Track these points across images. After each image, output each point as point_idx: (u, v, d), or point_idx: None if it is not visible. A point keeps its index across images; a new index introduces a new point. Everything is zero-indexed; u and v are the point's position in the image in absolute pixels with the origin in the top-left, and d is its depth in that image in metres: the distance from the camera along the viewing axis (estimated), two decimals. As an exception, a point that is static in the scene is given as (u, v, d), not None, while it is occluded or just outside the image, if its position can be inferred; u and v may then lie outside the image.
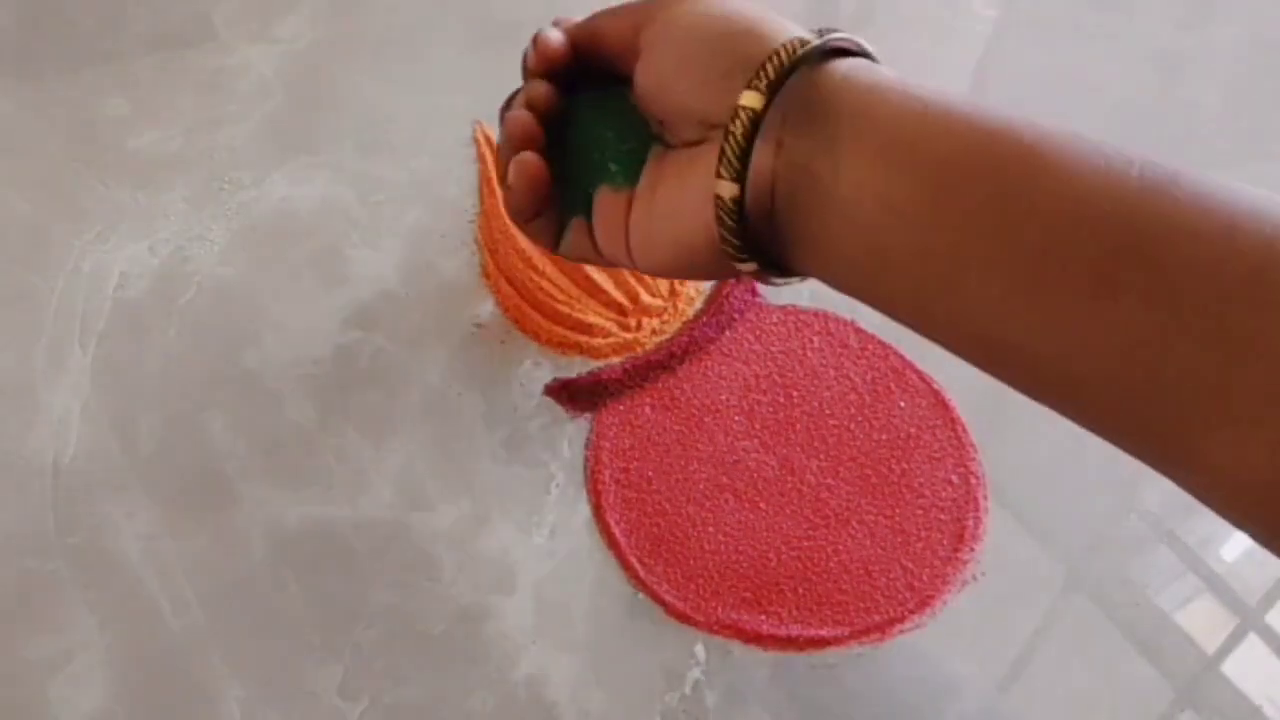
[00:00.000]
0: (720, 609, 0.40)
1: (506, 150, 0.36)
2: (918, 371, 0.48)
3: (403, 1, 0.63)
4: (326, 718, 0.37)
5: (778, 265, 0.33)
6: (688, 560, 0.42)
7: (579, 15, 0.63)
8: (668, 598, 0.41)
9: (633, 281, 0.48)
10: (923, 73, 0.58)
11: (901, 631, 0.41)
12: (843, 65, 0.31)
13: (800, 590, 0.41)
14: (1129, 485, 0.47)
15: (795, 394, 0.47)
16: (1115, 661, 0.40)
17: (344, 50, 0.60)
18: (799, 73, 0.30)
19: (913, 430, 0.46)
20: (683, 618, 0.40)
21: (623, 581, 0.41)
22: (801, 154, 0.31)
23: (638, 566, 0.41)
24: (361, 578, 0.40)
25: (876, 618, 0.41)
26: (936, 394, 0.47)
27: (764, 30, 0.32)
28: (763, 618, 0.40)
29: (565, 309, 0.47)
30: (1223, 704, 0.40)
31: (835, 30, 0.31)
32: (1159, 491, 0.46)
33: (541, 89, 0.36)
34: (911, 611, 0.41)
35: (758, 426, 0.46)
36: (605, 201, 0.36)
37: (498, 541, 0.42)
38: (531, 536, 0.42)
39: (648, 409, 0.46)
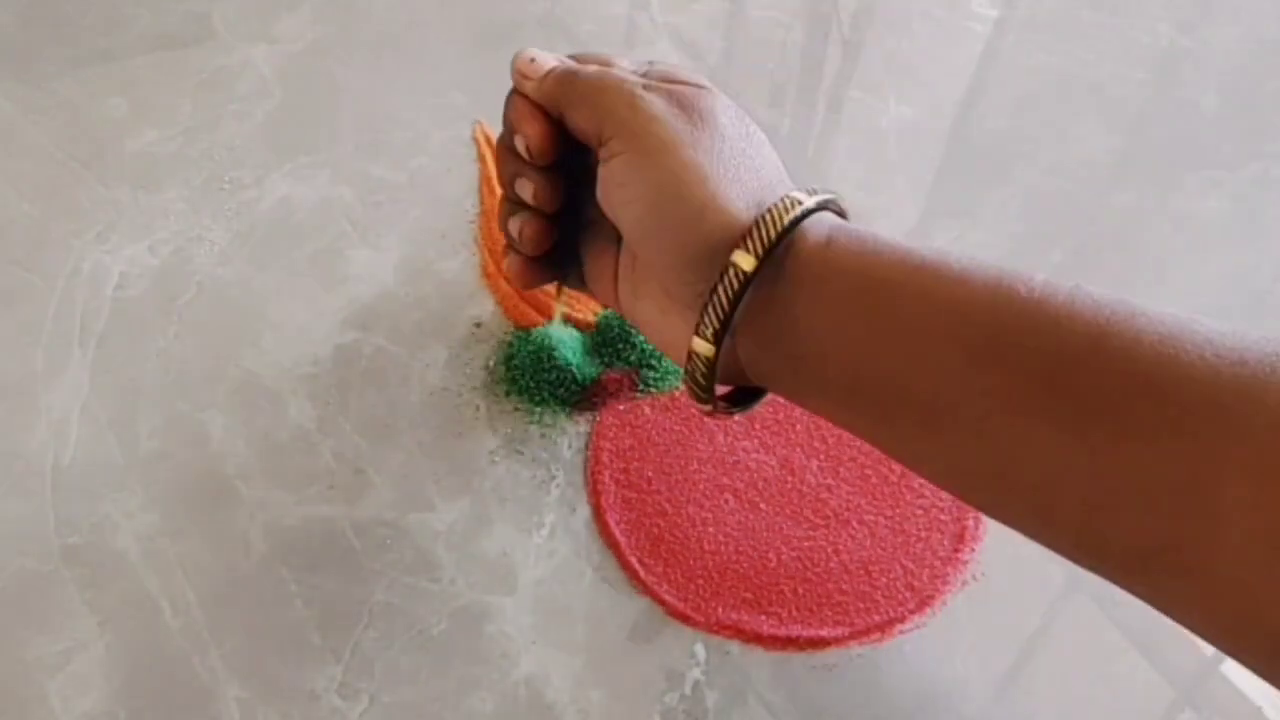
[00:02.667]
0: (720, 609, 0.40)
1: (516, 242, 0.38)
2: (918, 371, 0.48)
3: (403, 1, 0.63)
4: (326, 718, 0.37)
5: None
6: (688, 560, 0.42)
7: (581, 16, 0.63)
8: (668, 598, 0.41)
9: (633, 281, 0.48)
10: (923, 73, 0.58)
11: (901, 631, 0.41)
12: (795, 256, 0.32)
13: (800, 590, 0.41)
14: (1129, 485, 0.46)
15: (795, 394, 0.47)
16: (1115, 661, 0.40)
17: (344, 50, 0.60)
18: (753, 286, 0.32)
19: (913, 430, 0.46)
20: (683, 618, 0.40)
21: (623, 581, 0.41)
22: (761, 360, 0.33)
23: (638, 567, 0.41)
24: (361, 578, 0.40)
25: (876, 618, 0.41)
26: (936, 394, 0.47)
27: (706, 226, 0.32)
28: (763, 618, 0.40)
29: (564, 309, 0.47)
30: (1223, 704, 0.40)
31: (782, 209, 0.31)
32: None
33: (549, 189, 0.36)
34: (911, 611, 0.41)
35: (758, 427, 0.46)
36: (593, 254, 0.38)
37: (498, 541, 0.42)
38: (531, 536, 0.42)
39: (648, 409, 0.46)
